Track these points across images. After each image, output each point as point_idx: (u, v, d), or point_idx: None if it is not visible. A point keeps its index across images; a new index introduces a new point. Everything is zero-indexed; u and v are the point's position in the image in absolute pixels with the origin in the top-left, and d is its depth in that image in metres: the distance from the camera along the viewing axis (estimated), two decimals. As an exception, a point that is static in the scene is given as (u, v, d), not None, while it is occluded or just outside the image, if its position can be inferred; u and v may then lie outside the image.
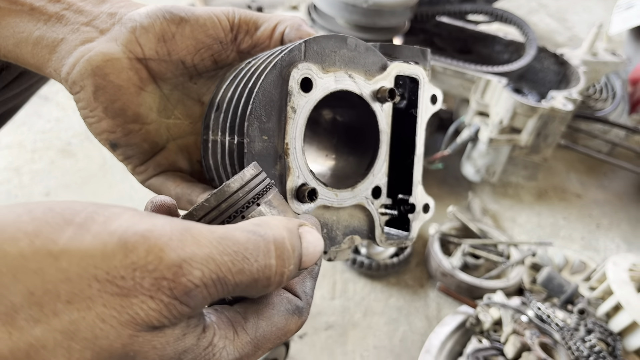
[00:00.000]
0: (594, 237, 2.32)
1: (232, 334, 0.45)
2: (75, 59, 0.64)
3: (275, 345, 0.50)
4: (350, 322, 1.76)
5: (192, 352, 0.42)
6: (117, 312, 0.36)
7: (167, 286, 0.37)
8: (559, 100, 2.06)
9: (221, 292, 0.41)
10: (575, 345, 1.56)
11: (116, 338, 0.36)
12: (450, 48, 2.51)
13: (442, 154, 2.24)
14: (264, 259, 0.43)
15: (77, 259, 0.36)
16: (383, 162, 0.72)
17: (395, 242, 0.75)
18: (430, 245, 1.96)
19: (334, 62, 0.64)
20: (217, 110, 0.67)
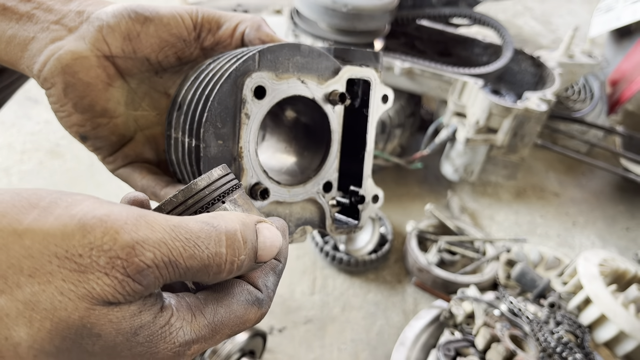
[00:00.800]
0: (570, 235, 2.39)
1: (190, 317, 0.47)
2: (46, 57, 0.69)
3: (235, 332, 0.51)
4: (329, 317, 1.81)
5: (148, 329, 0.44)
6: (75, 287, 0.39)
7: (121, 265, 0.40)
8: (533, 101, 2.12)
9: (173, 275, 0.44)
10: (543, 337, 1.62)
11: (74, 310, 0.39)
12: (431, 51, 2.57)
13: (422, 153, 2.30)
14: (214, 247, 0.46)
15: (40, 238, 0.39)
16: (334, 159, 0.77)
17: (344, 230, 0.81)
18: (408, 242, 2.02)
19: (287, 69, 0.68)
20: (179, 109, 0.71)
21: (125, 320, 0.42)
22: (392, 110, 2.29)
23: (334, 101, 0.72)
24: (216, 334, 0.49)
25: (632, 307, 1.76)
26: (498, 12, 4.06)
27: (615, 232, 2.44)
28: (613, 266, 1.93)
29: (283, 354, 1.66)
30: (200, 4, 2.94)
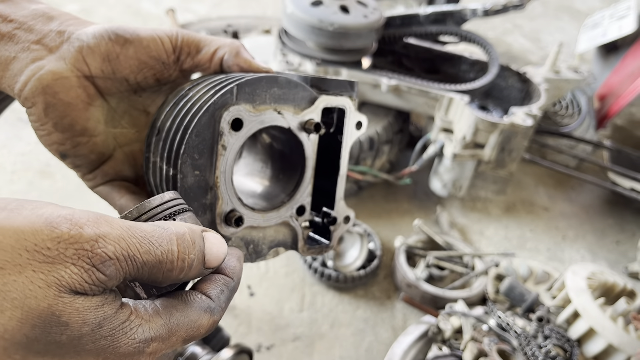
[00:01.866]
0: (559, 249, 2.39)
1: (148, 317, 0.51)
2: (27, 77, 0.70)
3: (189, 336, 0.55)
4: (318, 334, 1.81)
5: (110, 323, 0.47)
6: (45, 276, 0.43)
7: (87, 255, 0.44)
8: (519, 116, 2.14)
9: (131, 269, 0.48)
10: (531, 351, 1.62)
11: (43, 298, 0.42)
12: (418, 68, 2.60)
13: (410, 169, 2.32)
14: (167, 245, 0.51)
15: (10, 233, 0.43)
16: (308, 184, 0.80)
17: (316, 250, 0.83)
18: (396, 258, 2.03)
19: (264, 101, 0.70)
20: (158, 134, 0.73)
21: (90, 311, 0.45)
22: (380, 126, 2.31)
23: (309, 130, 0.74)
24: (172, 335, 0.52)
25: (621, 320, 1.76)
26: (487, 30, 4.11)
27: (605, 246, 2.45)
28: (601, 279, 1.93)
29: (271, 371, 1.66)
30: (190, 24, 2.98)
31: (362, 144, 2.25)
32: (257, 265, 2.02)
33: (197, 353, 1.39)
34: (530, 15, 4.44)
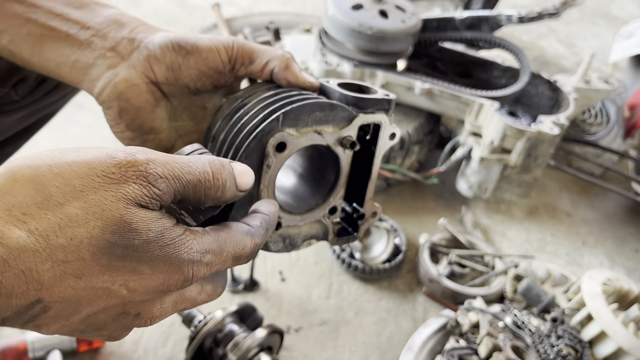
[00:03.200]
0: (579, 254, 2.47)
1: (199, 235, 0.60)
2: (104, 83, 0.83)
3: (237, 253, 0.64)
4: (343, 320, 1.94)
5: (170, 234, 0.56)
6: (114, 193, 0.53)
7: (143, 175, 0.55)
8: (546, 124, 2.22)
9: (179, 185, 0.58)
10: (543, 349, 1.72)
11: (116, 209, 0.52)
12: (452, 72, 2.68)
13: (438, 170, 2.42)
14: (202, 167, 0.61)
15: (84, 164, 0.53)
16: (341, 189, 0.91)
17: (344, 240, 0.96)
18: (420, 254, 2.14)
19: (307, 124, 0.78)
20: (213, 140, 0.84)
21: (152, 221, 0.55)
22: (411, 127, 2.42)
23: (345, 145, 0.84)
24: (222, 250, 0.62)
25: (632, 326, 1.84)
26: (522, 33, 4.15)
27: (624, 253, 2.52)
28: (617, 286, 2.01)
29: (298, 352, 1.79)
30: (235, 19, 3.10)
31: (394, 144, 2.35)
32: (288, 253, 2.15)
33: (235, 330, 1.53)
34: (567, 19, 4.46)
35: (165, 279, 0.56)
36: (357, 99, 0.83)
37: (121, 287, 0.54)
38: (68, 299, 0.52)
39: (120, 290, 0.54)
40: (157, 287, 0.56)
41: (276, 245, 0.88)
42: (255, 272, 2.00)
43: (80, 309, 0.53)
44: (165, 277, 0.56)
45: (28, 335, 1.59)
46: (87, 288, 0.52)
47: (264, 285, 2.00)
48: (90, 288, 0.52)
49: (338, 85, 0.87)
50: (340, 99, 0.84)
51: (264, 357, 1.48)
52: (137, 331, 1.75)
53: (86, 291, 0.52)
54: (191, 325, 1.57)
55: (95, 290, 0.53)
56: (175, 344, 1.74)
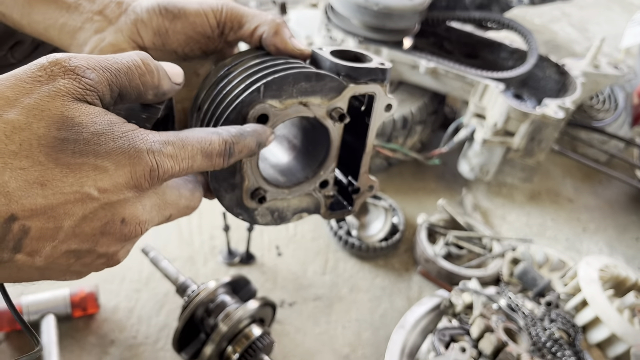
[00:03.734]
0: (578, 240, 2.46)
1: (154, 132, 0.59)
2: (91, 47, 0.81)
3: (204, 148, 0.62)
4: (337, 296, 1.94)
5: (120, 128, 0.55)
6: (47, 92, 0.52)
7: (69, 69, 0.54)
8: (551, 108, 2.20)
9: (110, 74, 0.57)
10: (535, 332, 1.72)
11: (54, 107, 0.52)
12: (458, 52, 2.65)
13: (440, 151, 2.40)
14: (129, 56, 0.61)
15: (11, 76, 0.53)
16: (332, 163, 0.87)
17: (337, 214, 0.93)
18: (418, 233, 2.13)
19: (291, 95, 0.74)
20: (198, 110, 0.81)
21: (97, 115, 0.54)
22: (415, 106, 2.39)
23: (334, 118, 0.80)
24: (186, 145, 0.60)
25: (627, 313, 1.84)
26: (534, 17, 4.08)
27: (624, 241, 2.50)
28: (614, 272, 2.00)
29: (291, 326, 1.80)
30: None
31: (396, 123, 2.34)
32: (286, 228, 2.16)
33: (227, 301, 1.54)
34: (581, 3, 4.38)
35: (131, 172, 0.55)
36: (348, 68, 0.78)
37: (91, 188, 0.53)
38: (42, 211, 0.51)
39: (91, 192, 0.53)
40: (127, 183, 0.55)
41: (264, 218, 0.86)
42: (252, 246, 2.00)
43: (60, 222, 0.52)
44: (130, 169, 0.55)
45: (23, 298, 1.61)
46: (57, 194, 0.51)
47: (260, 259, 2.00)
48: (60, 194, 0.51)
49: (331, 53, 0.82)
50: (331, 68, 0.79)
51: (255, 328, 1.48)
52: (132, 299, 1.76)
53: (57, 198, 0.51)
54: (184, 295, 1.58)
55: (66, 196, 0.52)
56: (169, 313, 1.75)
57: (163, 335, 1.68)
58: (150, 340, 1.67)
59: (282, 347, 1.72)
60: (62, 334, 1.61)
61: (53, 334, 1.56)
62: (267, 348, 1.48)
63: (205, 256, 1.98)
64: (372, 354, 1.78)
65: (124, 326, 1.69)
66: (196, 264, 1.94)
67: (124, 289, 1.79)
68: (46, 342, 1.53)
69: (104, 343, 1.63)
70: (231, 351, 1.44)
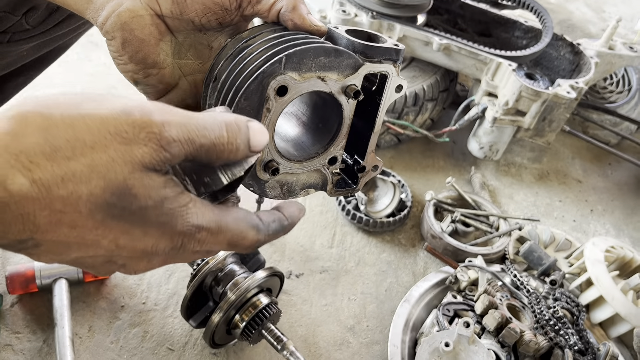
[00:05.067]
0: (585, 221, 2.47)
1: (203, 210, 0.61)
2: (108, 12, 0.80)
3: (234, 241, 0.65)
4: (344, 269, 1.97)
5: (170, 204, 0.58)
6: (122, 154, 0.53)
7: (155, 138, 0.55)
8: (563, 88, 2.18)
9: (191, 150, 0.58)
10: (539, 310, 1.74)
11: (120, 172, 0.53)
12: (472, 30, 2.63)
13: (450, 128, 2.40)
14: (218, 130, 0.61)
15: (98, 119, 0.53)
16: (342, 139, 0.89)
17: (342, 192, 0.96)
18: (425, 210, 2.15)
19: (310, 69, 0.76)
20: (215, 81, 0.82)
21: (154, 189, 0.56)
22: (426, 83, 2.38)
23: (348, 94, 0.82)
24: (220, 233, 0.62)
25: (631, 294, 1.85)
26: (550, -5, 4.03)
27: (632, 223, 2.51)
28: (620, 254, 2.01)
29: (298, 296, 1.83)
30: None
31: (407, 99, 2.33)
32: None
33: (235, 270, 1.56)
34: (598, -17, 4.31)
35: (154, 244, 0.58)
36: (364, 46, 0.81)
37: (110, 243, 0.56)
38: (59, 242, 0.54)
39: (109, 245, 0.56)
40: (144, 249, 0.59)
41: (273, 191, 0.88)
42: (261, 218, 2.02)
43: (69, 252, 0.56)
44: (155, 241, 0.58)
45: (36, 263, 1.64)
46: (79, 237, 0.54)
47: (268, 231, 2.02)
48: (81, 237, 0.55)
49: (346, 31, 0.84)
50: (347, 45, 0.81)
51: (262, 297, 1.51)
52: (142, 267, 1.79)
53: (77, 239, 0.55)
54: (194, 264, 1.61)
55: (86, 240, 0.55)
56: (178, 281, 1.78)
57: (172, 303, 1.72)
58: (159, 307, 1.70)
59: (289, 317, 1.76)
60: (73, 298, 1.64)
61: (65, 298, 1.59)
62: (274, 317, 1.50)
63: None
64: (377, 326, 1.81)
65: (133, 292, 1.72)
66: (205, 234, 1.97)
67: (134, 256, 1.82)
68: (58, 305, 1.57)
69: (114, 308, 1.67)
70: (239, 319, 1.47)
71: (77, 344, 1.55)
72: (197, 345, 1.62)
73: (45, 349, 1.52)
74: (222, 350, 1.62)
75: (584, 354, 1.63)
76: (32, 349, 1.52)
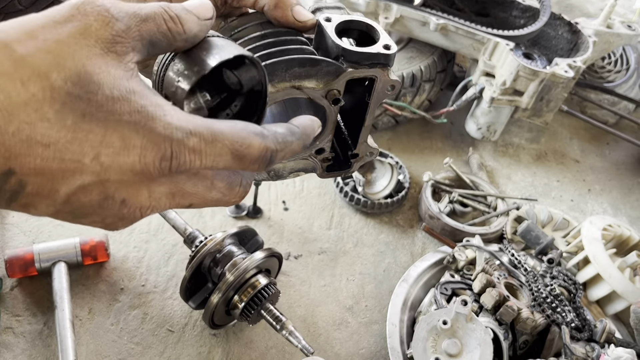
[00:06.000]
0: (583, 201, 2.47)
1: (186, 115, 0.53)
2: None
3: (237, 150, 0.55)
4: (342, 250, 1.97)
5: (141, 99, 0.51)
6: (77, 29, 0.49)
7: (103, 9, 0.50)
8: (561, 67, 2.18)
9: (139, 20, 0.53)
10: (537, 288, 1.75)
11: (78, 57, 0.48)
12: (469, 9, 2.61)
13: (448, 109, 2.39)
14: (152, 4, 0.56)
15: (42, 15, 0.49)
16: (328, 134, 0.85)
17: (334, 174, 0.93)
18: (423, 191, 2.15)
19: (283, 79, 0.72)
20: None
21: (119, 78, 0.50)
22: (424, 64, 2.37)
23: (329, 100, 0.77)
24: (216, 141, 0.53)
25: (628, 271, 1.86)
26: (548, -25, 3.99)
27: (629, 202, 2.51)
28: (617, 232, 2.02)
29: (296, 277, 1.84)
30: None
31: (404, 80, 2.32)
32: (293, 183, 2.17)
33: (234, 251, 1.57)
34: (597, -38, 4.27)
35: (140, 155, 0.50)
36: (349, 52, 0.74)
37: (93, 162, 0.49)
38: (40, 172, 0.48)
39: (93, 166, 0.49)
40: (132, 166, 0.51)
41: (260, 175, 0.86)
42: (259, 201, 2.02)
43: (57, 186, 0.50)
44: (140, 152, 0.50)
45: (35, 246, 1.64)
46: (57, 160, 0.48)
47: (266, 213, 2.03)
48: (60, 160, 0.48)
49: (339, 24, 0.77)
50: (332, 47, 0.75)
51: (261, 278, 1.52)
52: (141, 250, 1.80)
53: (56, 164, 0.48)
54: (192, 246, 1.61)
55: (66, 163, 0.48)
56: (177, 263, 1.79)
57: (171, 285, 1.73)
58: (158, 289, 1.71)
59: (288, 297, 1.77)
60: (73, 281, 1.65)
61: (64, 281, 1.60)
62: (272, 297, 1.51)
63: (213, 209, 2.01)
64: (375, 306, 1.82)
65: (133, 275, 1.73)
66: (204, 217, 1.97)
67: (133, 239, 1.83)
68: (58, 288, 1.58)
69: (113, 290, 1.68)
70: (238, 300, 1.48)
71: (77, 326, 1.56)
72: (197, 326, 1.63)
73: (46, 332, 1.53)
74: (222, 330, 1.63)
75: (580, 330, 1.65)
76: (33, 332, 1.53)
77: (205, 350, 1.59)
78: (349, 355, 1.67)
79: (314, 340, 1.68)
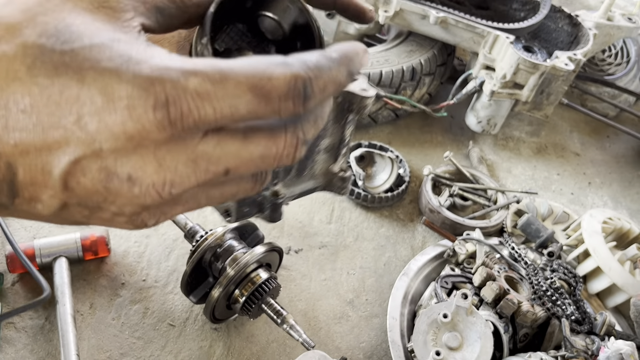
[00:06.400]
0: (583, 194, 2.47)
1: (181, 57, 0.42)
2: None
3: (255, 84, 0.40)
4: (342, 244, 1.98)
5: (126, 44, 0.42)
6: None
7: None
8: (561, 60, 2.17)
9: None
10: (537, 281, 1.75)
11: (60, 9, 0.41)
12: (469, 2, 2.60)
13: (448, 103, 2.39)
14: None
15: None
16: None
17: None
18: (423, 184, 2.15)
19: None
20: None
21: (103, 30, 0.41)
22: (424, 58, 2.37)
23: None
24: (226, 79, 0.40)
25: (628, 264, 1.86)
26: (549, -33, 3.97)
27: (629, 195, 2.51)
28: (617, 225, 2.02)
29: (297, 272, 1.85)
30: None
31: (404, 74, 2.32)
32: (293, 177, 2.17)
33: (235, 245, 1.57)
34: (597, -46, 4.25)
35: (129, 108, 0.39)
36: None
37: (75, 126, 0.39)
38: (25, 149, 0.40)
39: (77, 131, 0.39)
40: (124, 125, 0.39)
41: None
42: (259, 195, 2.02)
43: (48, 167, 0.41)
44: (127, 103, 0.38)
45: (35, 242, 1.64)
46: (39, 129, 0.39)
47: (266, 207, 2.03)
48: (41, 129, 0.39)
49: None
50: None
51: (262, 272, 1.52)
52: (142, 244, 1.80)
53: (38, 134, 0.39)
54: (193, 240, 1.61)
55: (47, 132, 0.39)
56: (178, 258, 1.79)
57: (172, 279, 1.73)
58: (159, 284, 1.71)
59: (288, 291, 1.77)
60: (74, 276, 1.66)
61: (65, 276, 1.60)
62: (273, 292, 1.52)
63: (213, 204, 2.01)
64: (376, 299, 1.82)
65: (134, 270, 1.73)
66: (204, 211, 1.97)
67: (133, 234, 1.83)
68: (59, 283, 1.58)
69: (114, 285, 1.68)
70: (238, 294, 1.48)
71: (78, 321, 1.57)
72: (198, 321, 1.64)
73: (48, 326, 1.54)
74: (223, 325, 1.64)
75: (581, 323, 1.65)
76: (34, 327, 1.53)
77: (207, 344, 1.59)
78: (350, 348, 1.68)
79: (314, 334, 1.68)
